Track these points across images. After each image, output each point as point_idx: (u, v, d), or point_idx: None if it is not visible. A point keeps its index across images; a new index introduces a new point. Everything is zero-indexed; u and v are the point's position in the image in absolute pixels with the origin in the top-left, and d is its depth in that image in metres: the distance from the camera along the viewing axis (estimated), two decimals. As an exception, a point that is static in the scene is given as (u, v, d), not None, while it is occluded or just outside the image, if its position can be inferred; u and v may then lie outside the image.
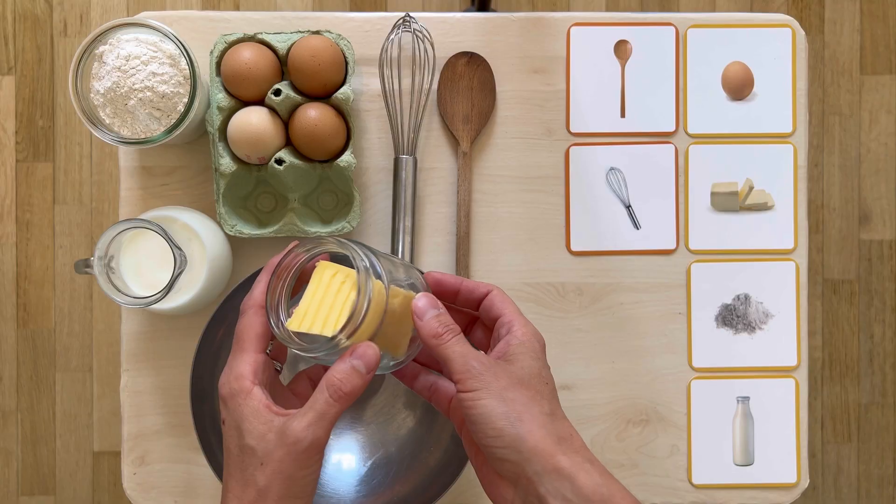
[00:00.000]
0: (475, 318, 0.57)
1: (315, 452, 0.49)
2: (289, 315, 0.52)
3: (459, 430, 0.55)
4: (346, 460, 0.72)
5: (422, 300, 0.51)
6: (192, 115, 0.65)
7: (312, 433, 0.48)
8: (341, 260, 0.52)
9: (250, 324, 0.51)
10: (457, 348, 0.50)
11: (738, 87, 0.76)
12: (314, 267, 0.53)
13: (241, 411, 0.49)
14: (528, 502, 0.48)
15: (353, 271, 0.50)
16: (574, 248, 0.75)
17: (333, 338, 0.49)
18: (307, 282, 0.53)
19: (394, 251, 0.73)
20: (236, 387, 0.50)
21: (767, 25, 0.76)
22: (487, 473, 0.51)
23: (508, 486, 0.49)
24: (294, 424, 0.48)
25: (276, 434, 0.48)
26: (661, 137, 0.76)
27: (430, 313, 0.51)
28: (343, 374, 0.49)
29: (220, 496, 0.73)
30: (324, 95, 0.70)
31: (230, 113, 0.70)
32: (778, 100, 0.76)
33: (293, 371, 0.69)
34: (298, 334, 0.51)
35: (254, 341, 0.51)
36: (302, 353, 0.51)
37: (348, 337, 0.49)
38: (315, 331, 0.50)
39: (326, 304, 0.51)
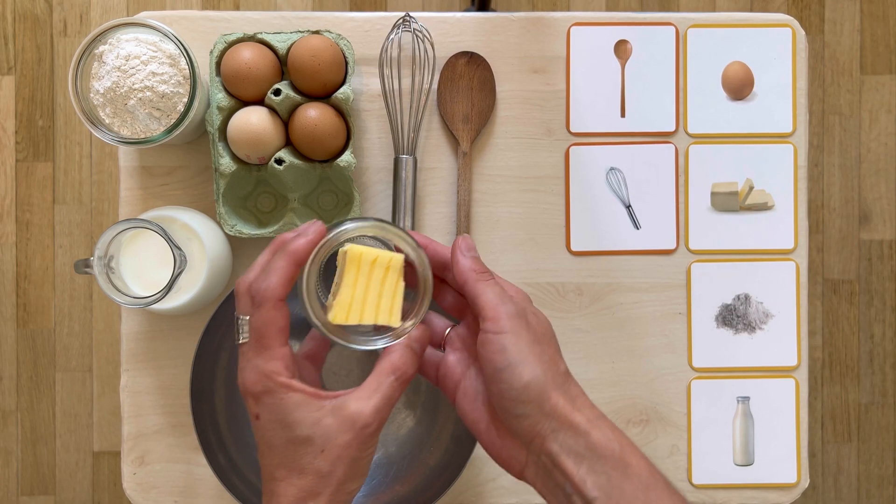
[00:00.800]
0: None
1: (378, 433, 0.49)
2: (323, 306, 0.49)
3: (454, 399, 0.53)
4: (345, 460, 0.72)
5: (466, 240, 0.51)
6: (191, 114, 0.65)
7: (381, 417, 0.48)
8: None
9: (271, 319, 0.49)
10: (494, 289, 0.49)
11: (738, 87, 0.76)
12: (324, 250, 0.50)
13: (284, 406, 0.48)
14: (540, 462, 0.48)
15: (392, 253, 0.49)
16: (574, 248, 0.75)
17: (393, 327, 0.49)
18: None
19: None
20: (271, 384, 0.48)
21: (767, 25, 0.76)
22: (497, 437, 0.50)
23: (521, 447, 0.49)
24: (361, 408, 0.48)
25: (336, 419, 0.48)
26: (661, 137, 0.76)
27: (472, 252, 0.51)
28: (405, 357, 0.49)
29: (219, 496, 0.73)
30: (324, 95, 0.70)
31: (230, 113, 0.70)
32: (778, 100, 0.76)
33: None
34: (342, 326, 0.49)
35: (277, 336, 0.49)
36: (350, 346, 0.49)
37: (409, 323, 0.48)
38: (370, 321, 0.49)
39: (373, 291, 0.49)
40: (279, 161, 0.68)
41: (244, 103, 0.70)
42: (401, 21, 0.73)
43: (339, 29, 0.73)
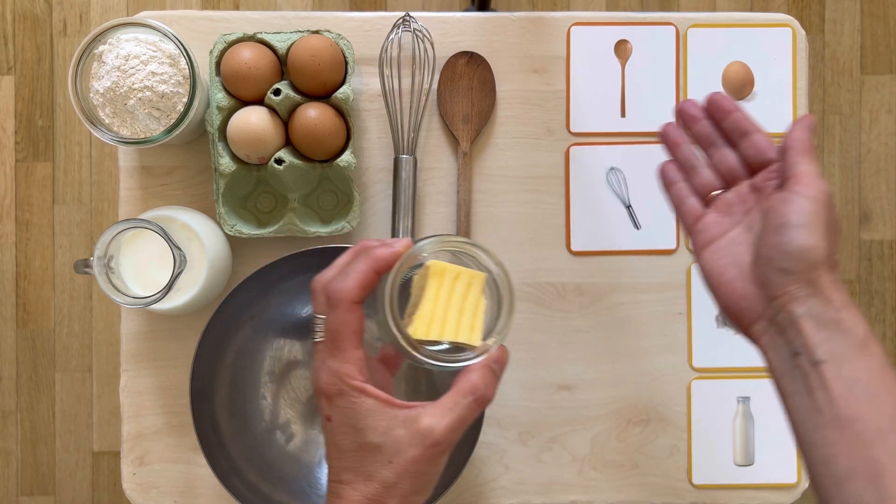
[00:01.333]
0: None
1: (448, 451, 0.49)
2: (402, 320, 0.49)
3: (699, 251, 0.54)
4: (345, 460, 0.72)
5: (812, 120, 0.52)
6: (191, 114, 0.65)
7: (453, 436, 0.48)
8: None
9: (345, 321, 0.48)
10: (817, 166, 0.50)
11: (739, 86, 0.76)
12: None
13: (356, 410, 0.48)
14: (776, 319, 0.48)
15: (476, 273, 0.49)
16: (574, 248, 0.75)
17: (474, 346, 0.48)
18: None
19: (394, 251, 0.72)
20: (344, 386, 0.48)
21: (767, 25, 0.76)
22: (740, 287, 0.51)
23: (763, 300, 0.50)
24: (433, 425, 0.47)
25: (407, 432, 0.47)
26: (662, 137, 0.76)
27: (810, 131, 0.51)
28: (486, 378, 0.49)
29: (219, 496, 0.73)
30: (323, 95, 0.70)
31: (230, 113, 0.69)
32: (778, 99, 0.76)
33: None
34: (421, 341, 0.49)
35: (352, 338, 0.48)
36: (429, 362, 0.48)
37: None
38: (450, 337, 0.49)
39: (454, 307, 0.49)
40: (279, 161, 0.68)
41: (244, 103, 0.70)
42: (401, 21, 0.73)
43: (338, 29, 0.73)
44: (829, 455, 0.46)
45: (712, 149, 0.56)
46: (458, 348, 0.49)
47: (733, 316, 0.52)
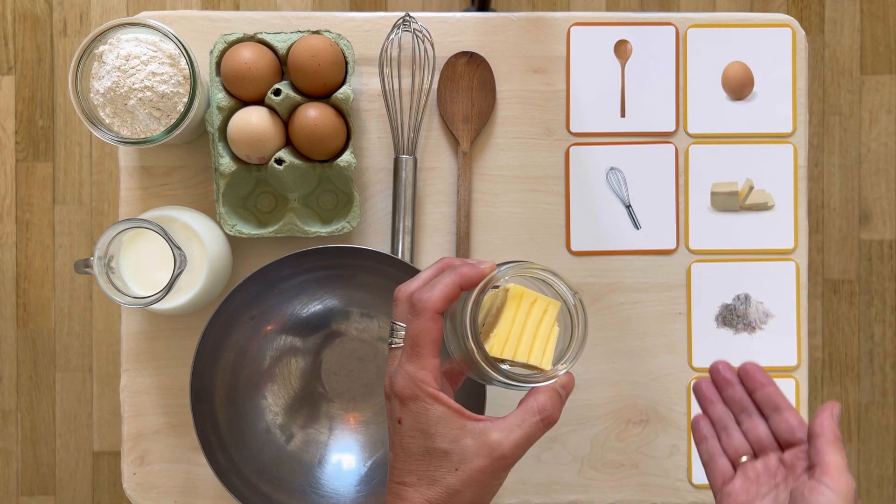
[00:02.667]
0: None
1: (512, 467, 0.50)
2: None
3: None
4: (346, 460, 0.72)
5: (837, 408, 0.55)
6: (191, 114, 0.65)
7: (518, 452, 0.50)
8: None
9: (427, 329, 0.50)
10: (844, 459, 0.53)
11: (738, 86, 0.76)
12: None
13: (427, 415, 0.50)
14: None
15: (553, 301, 0.51)
16: (574, 248, 0.75)
17: (544, 370, 0.51)
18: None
19: (394, 251, 0.73)
20: (419, 391, 0.50)
21: (767, 25, 0.76)
22: None
23: None
24: (501, 439, 0.49)
25: (476, 442, 0.49)
26: (661, 137, 0.76)
27: (837, 418, 0.55)
28: (553, 400, 0.50)
29: (219, 496, 0.73)
30: (324, 95, 0.70)
31: (230, 113, 0.70)
32: (778, 100, 0.76)
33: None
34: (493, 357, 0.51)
35: (430, 346, 0.50)
36: (502, 380, 0.50)
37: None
38: (522, 359, 0.51)
39: (529, 331, 0.51)
40: (279, 161, 0.68)
41: (244, 103, 0.70)
42: (401, 21, 0.73)
43: (339, 29, 0.73)
44: None
45: (744, 415, 0.59)
46: (526, 369, 0.51)
47: None
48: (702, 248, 0.76)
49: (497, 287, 0.52)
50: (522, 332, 0.51)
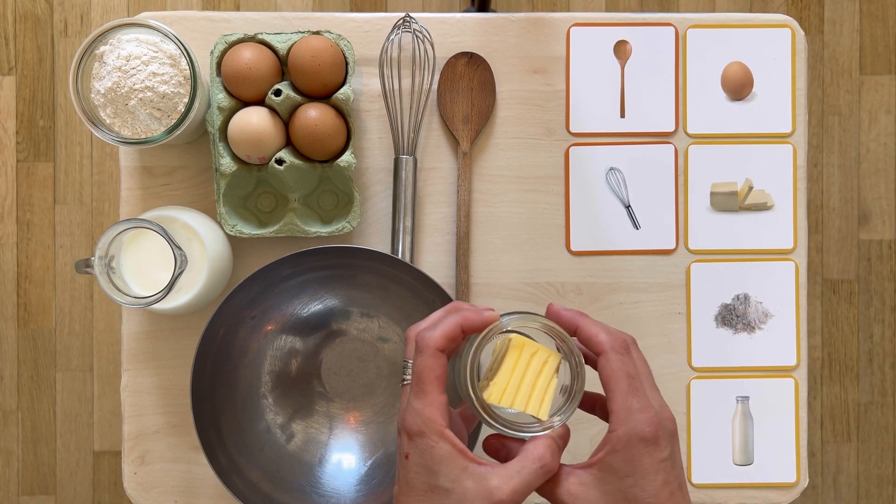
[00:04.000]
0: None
1: None
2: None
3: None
4: (346, 460, 0.72)
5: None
6: (192, 115, 0.65)
7: (517, 498, 0.50)
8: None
9: (430, 365, 0.51)
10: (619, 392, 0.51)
11: (738, 87, 0.76)
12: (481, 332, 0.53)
13: (433, 453, 0.50)
14: None
15: (553, 353, 0.52)
16: (574, 247, 0.75)
17: (540, 420, 0.52)
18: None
19: (394, 251, 0.73)
20: (426, 429, 0.51)
21: (767, 26, 0.76)
22: None
23: None
24: (500, 485, 0.50)
25: (475, 485, 0.50)
26: (661, 137, 0.76)
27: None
28: (551, 449, 0.51)
29: (220, 496, 0.74)
30: (324, 96, 0.70)
31: (230, 113, 0.70)
32: (777, 100, 0.76)
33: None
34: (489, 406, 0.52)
35: (434, 383, 0.51)
36: (497, 426, 0.51)
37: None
38: (520, 408, 0.52)
39: (528, 381, 0.52)
40: (280, 161, 0.68)
41: (245, 103, 0.70)
42: (401, 21, 0.73)
43: (339, 29, 0.73)
44: None
45: None
46: (523, 416, 0.53)
47: None
48: (701, 248, 0.76)
49: (505, 333, 0.53)
50: (521, 382, 0.52)
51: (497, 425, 0.51)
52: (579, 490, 0.51)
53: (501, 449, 0.54)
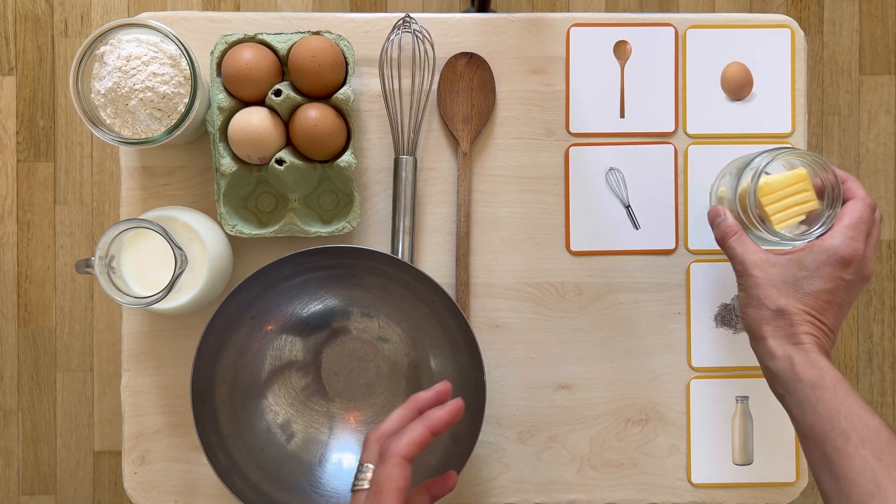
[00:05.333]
0: None
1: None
2: None
3: None
4: (346, 460, 0.72)
5: (712, 210, 0.67)
6: (192, 115, 0.65)
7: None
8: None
9: (394, 476, 0.51)
10: (736, 248, 0.63)
11: (738, 87, 0.76)
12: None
13: None
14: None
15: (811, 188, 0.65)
16: (574, 248, 0.75)
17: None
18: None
19: (394, 251, 0.73)
20: None
21: (766, 26, 0.76)
22: None
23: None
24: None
25: None
26: (661, 138, 0.76)
27: (717, 220, 0.66)
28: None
29: (220, 495, 0.74)
30: (324, 96, 0.70)
31: (231, 113, 0.70)
32: (777, 100, 0.76)
33: None
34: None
35: (395, 494, 0.51)
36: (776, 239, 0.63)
37: None
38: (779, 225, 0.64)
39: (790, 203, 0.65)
40: (280, 161, 0.68)
41: (245, 104, 0.70)
42: (401, 22, 0.73)
43: (339, 29, 0.73)
44: None
45: None
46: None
47: None
48: (701, 248, 0.76)
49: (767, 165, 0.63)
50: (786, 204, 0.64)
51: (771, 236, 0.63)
52: (763, 261, 0.61)
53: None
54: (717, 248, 0.77)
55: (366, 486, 0.51)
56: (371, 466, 0.52)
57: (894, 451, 0.51)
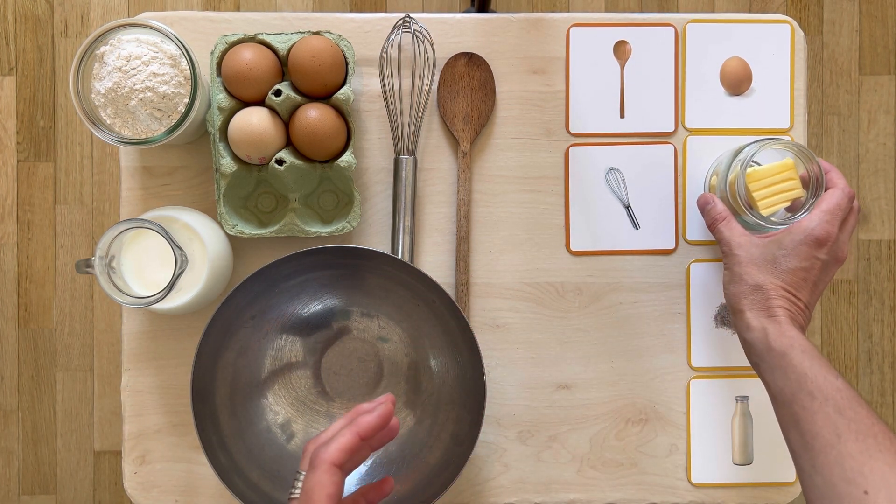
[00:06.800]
0: None
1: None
2: None
3: None
4: (346, 459, 0.72)
5: (702, 198, 0.71)
6: (192, 115, 0.66)
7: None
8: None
9: (323, 482, 0.50)
10: (724, 231, 0.68)
11: (737, 82, 0.76)
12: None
13: None
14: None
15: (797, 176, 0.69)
16: (573, 247, 0.75)
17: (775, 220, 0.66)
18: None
19: (394, 251, 0.73)
20: None
21: (766, 23, 0.76)
22: None
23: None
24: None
25: None
26: (660, 138, 0.76)
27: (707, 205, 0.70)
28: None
29: (220, 495, 0.74)
30: (324, 96, 0.70)
31: (231, 113, 0.70)
32: (776, 95, 0.76)
33: None
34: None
35: (325, 501, 0.51)
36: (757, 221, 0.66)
37: None
38: (765, 210, 0.67)
39: (775, 190, 0.68)
40: (280, 161, 0.68)
41: (245, 104, 0.70)
42: (401, 22, 0.73)
43: (339, 30, 0.74)
44: None
45: None
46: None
47: None
48: (698, 239, 0.76)
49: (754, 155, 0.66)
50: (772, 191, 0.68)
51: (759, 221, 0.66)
52: (747, 242, 0.65)
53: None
54: (714, 238, 0.77)
55: (297, 493, 0.51)
56: (303, 474, 0.52)
57: (855, 407, 0.55)
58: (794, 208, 0.69)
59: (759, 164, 0.70)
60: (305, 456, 0.53)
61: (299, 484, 0.51)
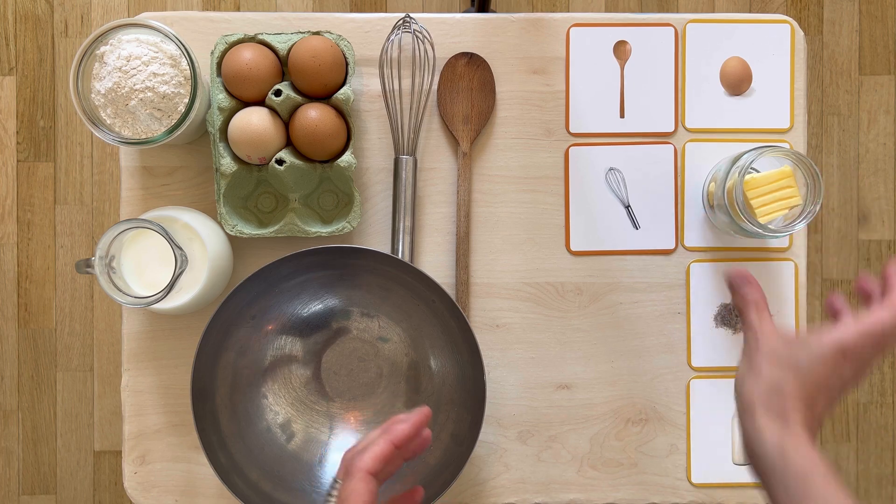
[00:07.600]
0: None
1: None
2: None
3: None
4: (346, 459, 0.72)
5: (738, 273, 0.62)
6: (192, 115, 0.66)
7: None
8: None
9: (358, 490, 0.51)
10: (754, 319, 0.59)
11: (737, 82, 0.76)
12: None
13: None
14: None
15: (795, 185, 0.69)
16: (573, 247, 0.75)
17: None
18: None
19: (394, 251, 0.73)
20: None
21: (766, 23, 0.76)
22: None
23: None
24: None
25: None
26: (660, 138, 0.76)
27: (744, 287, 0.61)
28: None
29: (220, 495, 0.74)
30: (324, 96, 0.70)
31: (231, 113, 0.70)
32: (776, 95, 0.76)
33: None
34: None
35: None
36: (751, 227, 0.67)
37: None
38: (764, 218, 0.68)
39: (774, 198, 0.68)
40: (280, 161, 0.68)
41: (245, 104, 0.70)
42: (401, 22, 0.73)
43: (339, 30, 0.74)
44: None
45: None
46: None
47: None
48: (697, 246, 0.76)
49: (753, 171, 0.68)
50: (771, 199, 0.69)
51: (754, 227, 0.66)
52: (772, 333, 0.58)
53: None
54: (714, 245, 0.77)
55: (333, 501, 0.52)
56: (340, 482, 0.53)
57: None
58: (792, 216, 0.69)
59: (757, 172, 0.70)
60: (342, 463, 0.54)
61: (335, 492, 0.53)
